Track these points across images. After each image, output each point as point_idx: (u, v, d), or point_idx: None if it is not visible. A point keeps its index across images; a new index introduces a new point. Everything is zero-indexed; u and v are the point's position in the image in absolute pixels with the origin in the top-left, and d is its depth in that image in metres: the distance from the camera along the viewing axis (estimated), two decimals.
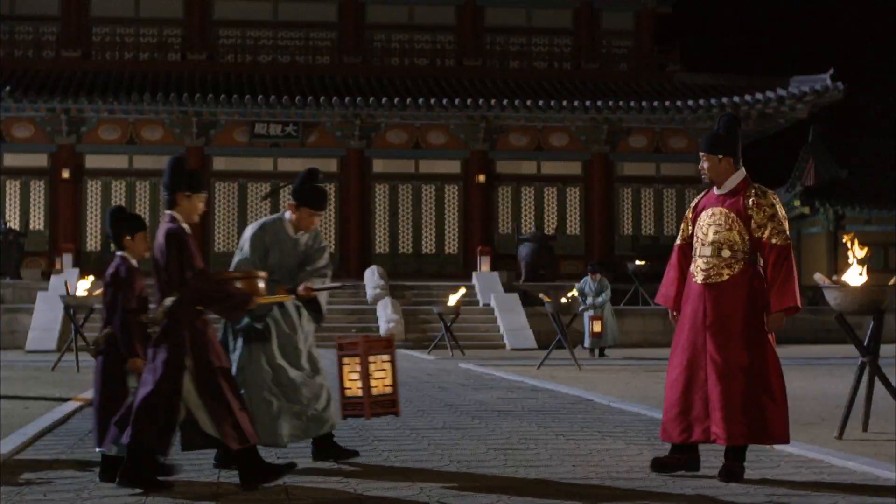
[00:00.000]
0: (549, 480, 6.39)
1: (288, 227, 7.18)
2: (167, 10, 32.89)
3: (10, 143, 30.35)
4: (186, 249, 6.18)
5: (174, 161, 6.41)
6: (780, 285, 6.38)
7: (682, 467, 6.53)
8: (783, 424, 6.43)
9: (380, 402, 6.39)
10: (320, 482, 6.35)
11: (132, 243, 6.78)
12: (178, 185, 6.34)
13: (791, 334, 27.18)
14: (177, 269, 6.15)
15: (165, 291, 6.20)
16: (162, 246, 6.19)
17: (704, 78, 33.80)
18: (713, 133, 6.69)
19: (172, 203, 6.34)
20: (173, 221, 6.28)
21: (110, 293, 6.63)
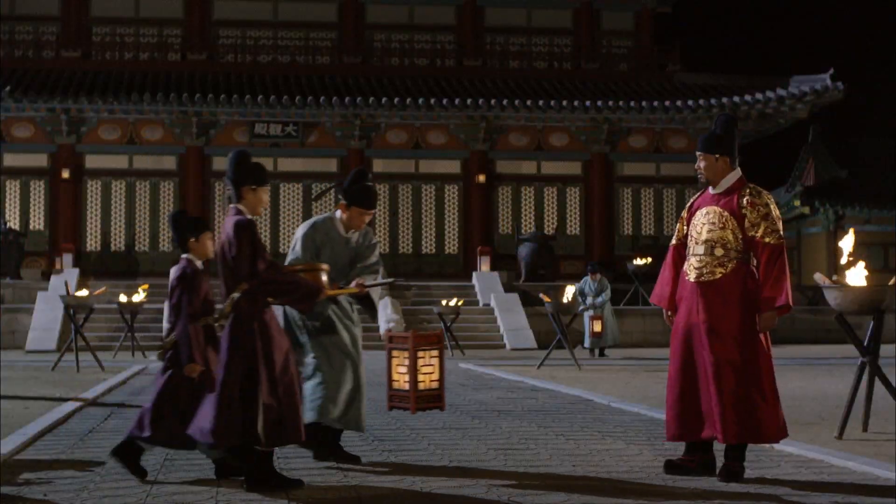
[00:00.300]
0: (549, 481, 6.39)
1: (339, 226, 7.28)
2: (167, 10, 32.90)
3: (10, 143, 30.35)
4: (257, 241, 6.20)
5: (239, 155, 6.42)
6: (772, 285, 6.41)
7: (696, 470, 6.51)
8: (774, 424, 6.43)
9: (425, 397, 6.43)
10: (320, 482, 6.35)
11: (196, 245, 6.75)
12: (244, 179, 6.35)
13: (791, 334, 27.23)
14: (248, 260, 6.14)
15: (232, 285, 6.21)
16: (231, 238, 6.16)
17: (704, 78, 33.81)
18: (710, 133, 6.72)
19: (239, 197, 6.34)
20: (240, 214, 6.28)
21: (176, 295, 6.60)
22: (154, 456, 7.36)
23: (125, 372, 15.69)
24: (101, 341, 22.73)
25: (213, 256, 6.57)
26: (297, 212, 31.55)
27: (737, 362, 6.42)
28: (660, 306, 6.89)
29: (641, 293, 27.55)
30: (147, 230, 31.03)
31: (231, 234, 6.16)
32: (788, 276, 6.48)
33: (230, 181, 6.35)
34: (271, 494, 5.96)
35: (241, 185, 6.33)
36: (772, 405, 6.44)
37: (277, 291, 6.24)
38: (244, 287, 6.14)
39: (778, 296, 6.38)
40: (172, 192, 31.13)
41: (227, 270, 6.22)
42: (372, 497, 5.92)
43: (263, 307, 6.22)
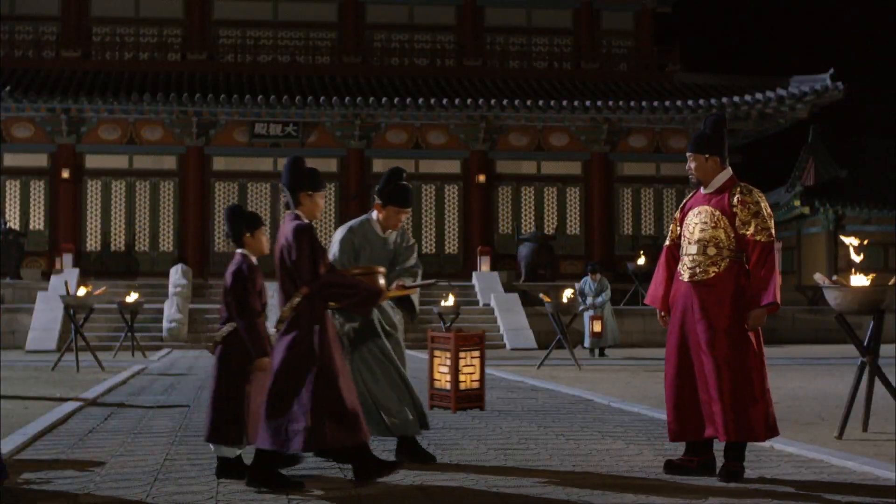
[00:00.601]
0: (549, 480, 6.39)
1: (376, 227, 7.28)
2: (167, 10, 32.90)
3: (10, 143, 30.34)
4: (317, 245, 6.24)
5: (294, 161, 6.45)
6: (761, 282, 6.42)
7: (696, 470, 6.52)
8: (764, 422, 6.44)
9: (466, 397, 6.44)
10: (320, 482, 6.35)
11: (252, 240, 6.76)
12: (300, 185, 6.40)
13: (791, 334, 27.25)
14: (308, 264, 6.18)
15: (291, 289, 6.24)
16: (291, 242, 6.21)
17: (704, 78, 33.82)
18: (700, 133, 6.75)
19: (296, 203, 6.39)
20: (298, 219, 6.33)
21: (234, 291, 6.61)
22: (154, 456, 7.36)
23: (125, 372, 15.69)
24: (101, 341, 22.73)
25: (268, 253, 6.60)
26: None
27: (731, 361, 6.44)
28: (654, 307, 6.91)
29: (641, 293, 27.55)
30: (147, 230, 31.03)
31: (290, 239, 6.21)
32: (777, 274, 6.48)
33: (286, 188, 6.39)
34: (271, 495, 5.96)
35: (298, 191, 6.38)
36: (762, 403, 6.44)
37: (337, 295, 6.28)
38: (304, 291, 6.19)
39: (765, 293, 6.39)
40: (172, 192, 31.13)
41: (286, 275, 6.26)
42: (371, 496, 5.91)
43: (322, 311, 6.25)
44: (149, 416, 9.99)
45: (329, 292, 6.22)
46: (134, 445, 7.95)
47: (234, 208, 6.89)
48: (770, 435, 6.51)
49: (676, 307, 6.69)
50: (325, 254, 6.29)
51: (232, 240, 6.79)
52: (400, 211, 7.19)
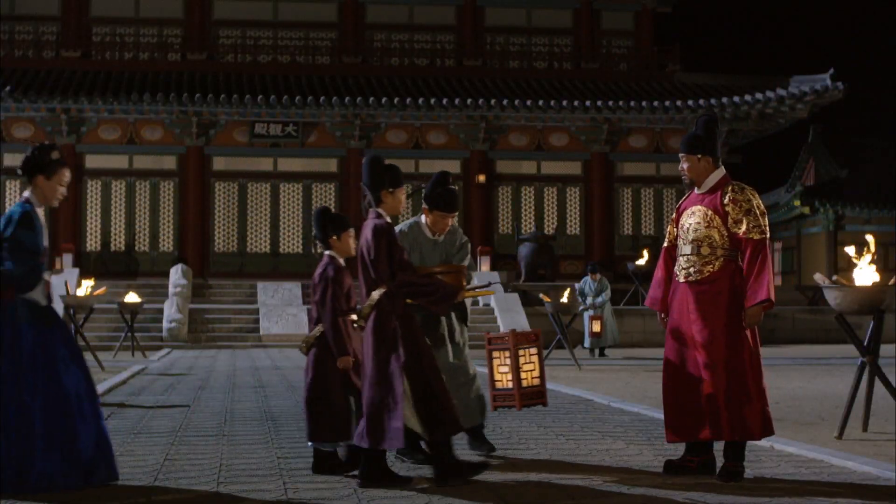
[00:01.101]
0: (549, 480, 6.39)
1: (426, 230, 7.37)
2: (167, 10, 32.91)
3: (10, 143, 30.36)
4: (395, 244, 6.29)
5: (373, 160, 6.51)
6: (754, 280, 6.43)
7: (696, 470, 6.53)
8: (759, 421, 6.44)
9: (529, 394, 6.47)
10: (320, 482, 6.35)
11: (338, 242, 6.81)
12: (380, 183, 6.44)
13: (791, 334, 27.25)
14: (386, 263, 6.24)
15: (371, 286, 6.29)
16: (370, 241, 6.26)
17: (704, 78, 33.83)
18: (691, 134, 6.76)
19: (378, 201, 6.43)
20: (380, 218, 6.37)
21: (320, 292, 6.67)
22: (154, 456, 7.36)
23: (125, 372, 15.69)
24: (101, 341, 22.73)
25: (355, 255, 6.66)
26: (297, 212, 31.55)
27: (726, 360, 6.44)
28: (653, 309, 6.92)
29: (641, 293, 27.56)
30: (147, 230, 31.04)
31: (370, 238, 6.27)
32: (770, 271, 6.49)
33: (367, 186, 6.44)
34: (271, 495, 5.96)
35: (379, 189, 6.43)
36: (756, 402, 6.44)
37: (416, 293, 6.32)
38: (383, 289, 6.24)
39: (758, 291, 6.40)
40: (172, 192, 31.14)
41: (366, 273, 6.33)
42: (372, 497, 5.91)
43: (403, 307, 6.30)
44: (149, 416, 9.98)
45: (407, 290, 6.28)
46: (134, 445, 7.95)
47: (323, 211, 6.96)
48: (766, 434, 6.51)
49: (673, 308, 6.71)
50: (403, 252, 6.35)
51: (319, 242, 6.87)
52: (445, 216, 7.25)
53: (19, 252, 6.12)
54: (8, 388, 5.98)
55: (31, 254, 6.14)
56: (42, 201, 6.42)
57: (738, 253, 6.56)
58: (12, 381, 5.99)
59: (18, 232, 6.17)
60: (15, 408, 5.97)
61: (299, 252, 31.55)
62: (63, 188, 6.47)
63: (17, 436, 5.93)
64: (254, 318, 26.00)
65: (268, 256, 31.41)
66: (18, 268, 6.08)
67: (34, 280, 6.13)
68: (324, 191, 31.71)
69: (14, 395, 5.98)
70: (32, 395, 6.00)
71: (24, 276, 6.09)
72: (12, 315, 6.07)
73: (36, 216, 6.27)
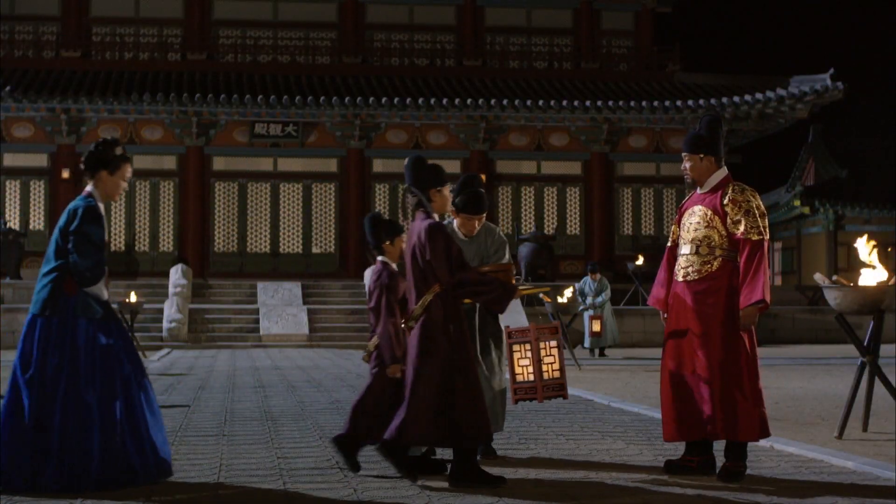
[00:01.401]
0: (549, 480, 6.39)
1: (457, 231, 7.42)
2: (167, 10, 32.91)
3: (10, 143, 30.37)
4: (452, 242, 6.28)
5: (417, 160, 6.51)
6: (750, 280, 6.42)
7: (696, 470, 6.53)
8: (755, 422, 6.43)
9: (550, 386, 6.49)
10: (320, 482, 6.35)
11: (391, 248, 6.84)
12: (429, 183, 6.46)
13: (791, 334, 27.26)
14: (444, 262, 6.22)
15: (423, 287, 6.29)
16: (424, 241, 6.25)
17: (704, 78, 33.83)
18: (694, 133, 6.76)
19: (428, 200, 6.44)
20: (430, 217, 6.38)
21: (375, 297, 6.69)
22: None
23: None
24: None
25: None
26: (297, 211, 31.56)
27: (722, 361, 6.44)
28: (656, 308, 6.92)
29: (641, 293, 27.56)
30: (147, 230, 31.04)
31: (424, 238, 6.25)
32: (766, 272, 6.48)
33: (414, 186, 6.44)
34: (271, 494, 5.96)
35: (427, 189, 6.45)
36: (752, 403, 6.43)
37: (474, 292, 6.32)
38: (437, 289, 6.24)
39: (753, 292, 6.39)
40: (172, 192, 31.14)
41: (418, 273, 6.31)
42: (372, 497, 5.91)
43: (455, 308, 6.29)
44: None
45: (465, 290, 6.28)
46: None
47: (375, 216, 6.98)
48: (762, 435, 6.50)
49: (672, 307, 6.72)
50: (461, 251, 6.33)
51: (372, 247, 6.90)
52: (472, 217, 7.28)
53: (86, 245, 6.16)
54: (64, 382, 6.04)
55: (97, 248, 6.19)
56: (104, 196, 6.41)
57: (737, 253, 6.56)
58: (69, 374, 6.05)
59: (85, 226, 6.18)
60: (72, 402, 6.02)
61: (299, 252, 31.55)
62: (125, 183, 6.48)
63: (74, 429, 5.99)
64: (254, 318, 26.01)
65: (268, 256, 31.42)
66: (84, 261, 6.13)
67: (99, 274, 6.20)
68: (324, 191, 31.71)
69: (70, 389, 6.04)
70: (88, 389, 6.06)
71: (90, 270, 6.14)
72: (72, 308, 6.13)
73: (99, 210, 6.29)
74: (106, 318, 6.23)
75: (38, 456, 5.95)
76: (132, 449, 6.10)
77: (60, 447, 5.97)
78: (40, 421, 5.99)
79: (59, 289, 6.14)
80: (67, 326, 6.11)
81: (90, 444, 5.99)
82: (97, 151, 6.37)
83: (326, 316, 26.12)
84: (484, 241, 7.44)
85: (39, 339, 6.09)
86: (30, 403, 6.01)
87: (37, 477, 5.93)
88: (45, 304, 6.14)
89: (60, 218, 6.29)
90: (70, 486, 5.93)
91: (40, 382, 6.03)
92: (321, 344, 24.35)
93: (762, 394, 6.54)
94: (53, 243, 6.23)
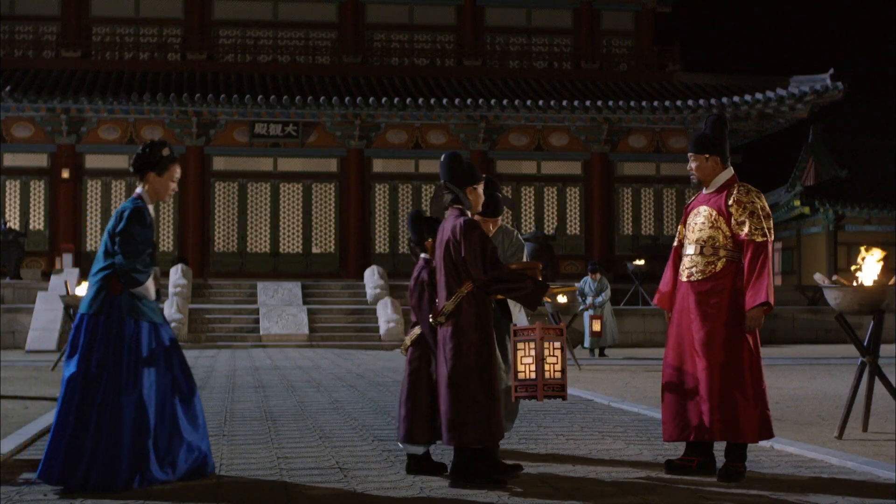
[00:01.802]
0: (549, 480, 6.39)
1: None
2: (167, 10, 32.91)
3: (10, 143, 30.36)
4: (487, 239, 6.32)
5: (455, 157, 6.54)
6: (754, 282, 6.42)
7: (696, 470, 6.53)
8: (756, 423, 6.43)
9: (551, 385, 6.54)
10: (320, 482, 6.35)
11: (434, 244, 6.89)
12: (465, 181, 6.50)
13: (791, 334, 27.25)
14: (480, 259, 6.25)
15: (454, 283, 6.31)
16: (459, 238, 6.28)
17: (704, 78, 33.83)
18: (700, 133, 6.77)
19: (465, 197, 6.49)
20: (463, 214, 6.42)
21: (416, 296, 6.72)
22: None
23: None
24: None
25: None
26: (297, 212, 31.56)
27: (723, 361, 6.44)
28: (661, 308, 6.92)
29: (641, 293, 27.57)
30: None
31: (458, 235, 6.28)
32: (769, 273, 6.48)
33: (452, 185, 6.46)
34: (271, 494, 5.96)
35: (463, 186, 6.49)
36: (754, 405, 6.43)
37: (507, 288, 6.35)
38: (468, 286, 6.27)
39: (758, 294, 6.39)
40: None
41: (451, 269, 6.33)
42: (372, 497, 5.91)
43: (487, 305, 6.32)
44: None
45: (498, 286, 6.32)
46: None
47: (417, 214, 7.00)
48: (763, 437, 6.49)
49: (676, 307, 6.72)
50: (495, 249, 6.36)
51: (415, 244, 6.92)
52: (487, 220, 7.32)
53: (131, 246, 6.24)
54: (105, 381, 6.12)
55: (142, 249, 6.26)
56: (153, 198, 6.48)
57: (741, 254, 6.55)
58: (111, 373, 6.13)
59: (130, 227, 6.26)
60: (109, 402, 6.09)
61: (299, 252, 31.56)
62: (174, 184, 6.52)
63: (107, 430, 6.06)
64: (254, 318, 26.00)
65: (268, 256, 31.42)
66: (130, 262, 6.21)
67: (144, 275, 6.25)
68: (324, 191, 31.72)
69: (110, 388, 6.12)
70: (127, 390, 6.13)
71: (135, 271, 6.21)
72: (118, 308, 6.21)
73: (147, 212, 6.36)
74: (152, 319, 6.30)
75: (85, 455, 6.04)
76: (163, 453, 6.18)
77: (94, 446, 6.04)
78: (81, 419, 6.08)
79: (106, 288, 6.23)
80: (113, 325, 6.19)
81: (120, 446, 6.05)
82: (144, 154, 6.45)
83: (326, 316, 26.11)
84: (501, 243, 7.49)
85: (85, 337, 6.20)
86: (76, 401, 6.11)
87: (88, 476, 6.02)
88: (91, 303, 6.24)
89: (111, 220, 6.39)
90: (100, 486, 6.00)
91: (84, 380, 6.12)
92: (321, 344, 24.34)
93: (766, 395, 6.53)
94: (102, 245, 6.35)
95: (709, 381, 6.44)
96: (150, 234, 6.33)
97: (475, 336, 6.24)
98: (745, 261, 6.49)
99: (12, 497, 5.91)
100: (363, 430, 8.71)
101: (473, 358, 6.23)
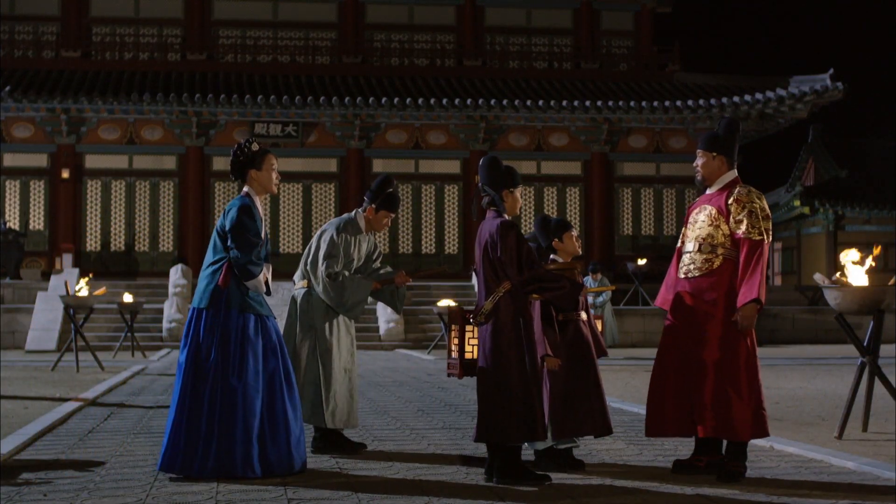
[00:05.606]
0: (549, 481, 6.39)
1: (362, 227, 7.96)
2: (167, 10, 32.91)
3: (10, 143, 30.36)
4: (524, 239, 6.42)
5: (494, 161, 6.63)
6: (747, 279, 6.45)
7: (704, 470, 6.53)
8: (749, 421, 6.43)
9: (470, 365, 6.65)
10: (320, 482, 6.35)
11: (561, 244, 7.15)
12: (503, 183, 6.58)
13: (791, 334, 27.25)
14: (515, 259, 6.33)
15: (493, 283, 6.38)
16: (496, 239, 6.36)
17: (704, 78, 33.83)
18: (712, 132, 6.87)
19: (501, 200, 6.56)
20: (500, 216, 6.50)
21: None
22: (154, 456, 7.36)
23: (125, 372, 15.69)
24: (100, 341, 22.74)
25: (580, 254, 6.81)
26: (297, 212, 31.57)
27: (717, 359, 6.45)
28: (663, 308, 6.94)
29: (641, 293, 27.57)
30: (147, 230, 31.04)
31: (496, 235, 6.36)
32: (763, 272, 6.50)
33: (489, 187, 6.55)
34: (271, 494, 5.96)
35: (501, 189, 6.56)
36: (748, 403, 6.43)
37: (544, 288, 6.41)
38: (506, 286, 6.32)
39: (749, 291, 6.42)
40: (172, 192, 31.14)
41: (489, 269, 6.40)
42: (372, 497, 5.92)
43: (525, 304, 6.38)
44: (149, 416, 9.99)
45: (535, 286, 6.38)
46: (134, 445, 7.95)
47: (545, 217, 7.28)
48: (757, 435, 6.49)
49: (673, 304, 6.74)
50: (531, 250, 6.44)
51: (544, 248, 7.14)
52: (388, 215, 7.76)
53: (244, 239, 6.45)
54: (213, 369, 6.33)
55: (254, 242, 6.48)
56: (262, 191, 6.71)
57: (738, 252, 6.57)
58: (219, 361, 6.34)
59: (241, 219, 6.48)
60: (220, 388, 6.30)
61: (299, 252, 31.55)
62: (276, 173, 6.73)
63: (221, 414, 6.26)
64: None
65: (268, 256, 31.37)
66: (244, 255, 6.44)
67: (258, 267, 6.49)
68: (324, 191, 31.72)
69: (218, 375, 6.33)
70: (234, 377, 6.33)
71: (250, 263, 6.45)
72: (225, 300, 6.44)
73: (255, 207, 6.59)
74: (259, 312, 6.53)
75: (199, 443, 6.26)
76: (269, 441, 6.35)
77: (208, 431, 6.27)
78: (194, 410, 6.30)
79: (214, 282, 6.48)
80: (220, 316, 6.42)
81: (235, 429, 6.27)
82: (237, 157, 6.68)
83: None
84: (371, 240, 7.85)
85: (195, 329, 6.43)
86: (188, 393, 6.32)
87: (205, 464, 6.25)
88: (201, 297, 6.50)
89: (220, 218, 6.61)
90: (217, 471, 6.23)
91: (195, 368, 6.35)
92: None
93: (761, 393, 6.53)
94: (211, 242, 6.59)
95: (702, 378, 6.46)
96: (260, 226, 6.56)
97: (514, 335, 6.30)
98: (741, 258, 6.52)
99: (12, 497, 5.91)
100: (363, 430, 8.71)
101: (514, 356, 6.28)
